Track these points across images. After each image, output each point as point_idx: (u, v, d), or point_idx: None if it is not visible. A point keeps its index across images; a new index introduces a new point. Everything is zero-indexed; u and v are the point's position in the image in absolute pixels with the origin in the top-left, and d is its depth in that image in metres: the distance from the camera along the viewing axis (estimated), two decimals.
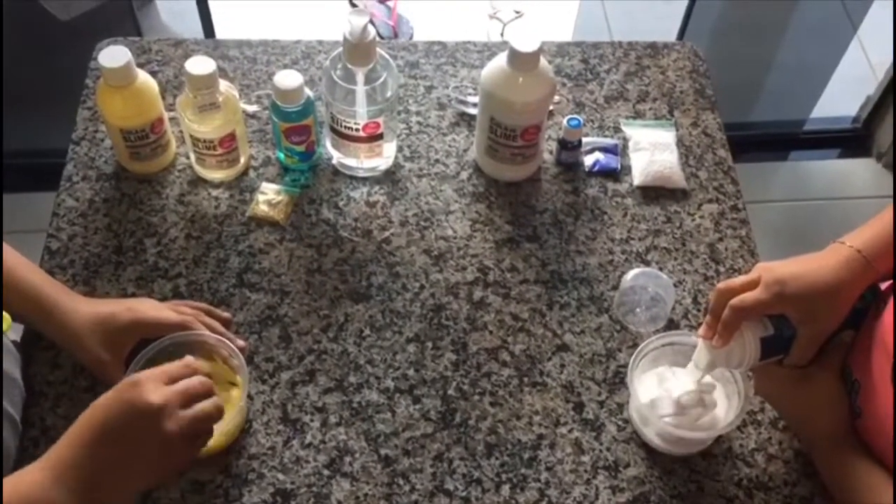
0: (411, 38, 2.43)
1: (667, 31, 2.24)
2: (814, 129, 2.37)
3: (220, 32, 2.17)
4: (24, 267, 0.89)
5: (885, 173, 2.25)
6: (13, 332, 0.96)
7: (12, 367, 0.90)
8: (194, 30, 2.14)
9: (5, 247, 0.88)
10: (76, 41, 1.27)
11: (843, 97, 2.39)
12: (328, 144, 1.11)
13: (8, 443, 0.86)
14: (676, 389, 0.89)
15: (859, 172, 2.30)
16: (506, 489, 0.89)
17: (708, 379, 0.88)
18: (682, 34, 2.16)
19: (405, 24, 2.46)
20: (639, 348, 0.90)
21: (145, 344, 0.87)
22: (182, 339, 0.88)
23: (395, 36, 2.42)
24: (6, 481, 0.65)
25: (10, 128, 1.99)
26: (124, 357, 0.89)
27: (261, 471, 0.88)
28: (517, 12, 2.45)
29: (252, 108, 1.17)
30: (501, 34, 2.42)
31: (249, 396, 0.92)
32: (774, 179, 2.22)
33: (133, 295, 0.99)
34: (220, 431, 0.84)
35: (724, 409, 0.89)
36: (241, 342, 0.94)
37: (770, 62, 2.44)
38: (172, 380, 0.73)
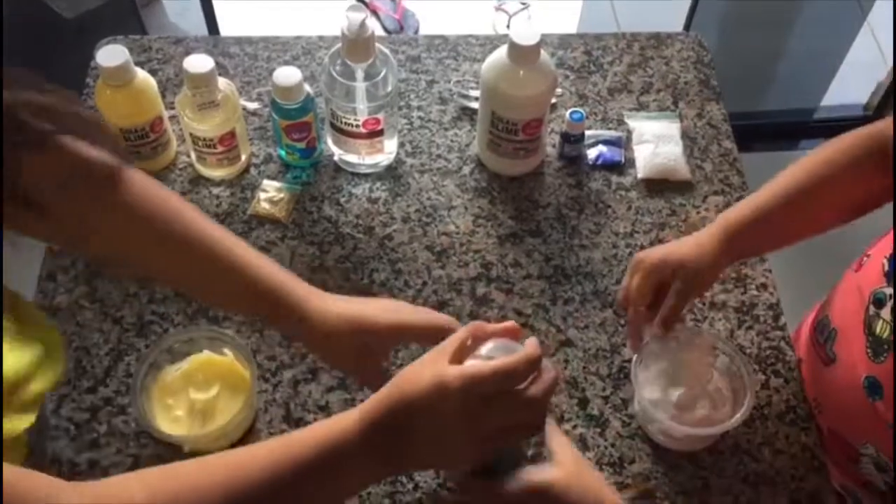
0: (417, 31, 2.42)
1: (676, 22, 2.22)
2: (824, 118, 2.35)
3: (225, 30, 2.16)
4: (257, 260, 0.78)
5: None
6: None
7: None
8: (201, 28, 2.14)
9: (239, 243, 0.78)
10: (82, 40, 1.27)
11: (853, 84, 2.36)
12: (329, 141, 1.10)
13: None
14: (676, 388, 0.88)
15: None
16: None
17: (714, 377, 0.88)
18: (688, 24, 2.14)
19: (411, 18, 2.45)
20: (642, 343, 0.89)
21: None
22: (192, 333, 0.89)
23: (402, 29, 2.41)
24: (325, 423, 0.64)
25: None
26: (383, 362, 0.83)
27: None
28: (523, 3, 2.44)
29: (252, 106, 1.16)
30: (507, 26, 2.41)
31: None
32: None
33: (135, 295, 0.99)
34: (226, 431, 0.84)
35: (730, 405, 0.88)
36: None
37: (779, 50, 2.41)
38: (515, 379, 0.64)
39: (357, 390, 0.93)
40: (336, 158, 1.12)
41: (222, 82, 1.02)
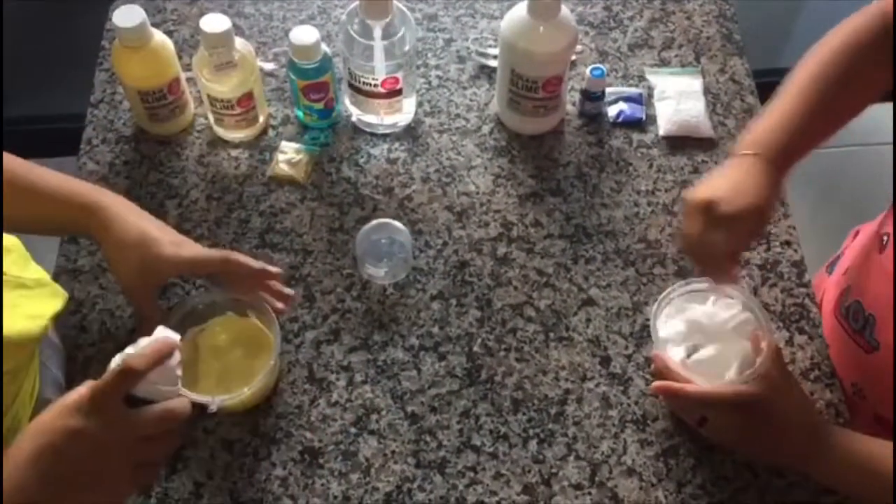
0: None
1: None
2: None
3: None
4: (54, 174, 0.84)
5: None
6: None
7: (51, 330, 0.90)
8: None
9: (27, 163, 0.83)
10: (96, 2, 1.26)
11: None
12: (347, 101, 1.09)
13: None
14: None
15: (887, 116, 2.24)
16: (533, 444, 0.89)
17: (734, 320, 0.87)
18: None
19: None
20: (660, 297, 0.88)
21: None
22: (215, 296, 0.89)
23: None
24: None
25: (31, 92, 1.99)
26: (158, 287, 0.87)
27: (288, 429, 0.89)
28: None
29: (269, 66, 1.15)
30: None
31: None
32: None
33: None
34: (252, 392, 0.85)
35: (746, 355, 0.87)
36: (288, 291, 0.90)
37: (800, 4, 2.36)
38: (113, 398, 0.66)
39: (379, 350, 0.94)
40: (354, 119, 1.11)
41: (239, 42, 1.01)
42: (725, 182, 0.84)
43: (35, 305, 0.77)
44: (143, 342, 0.71)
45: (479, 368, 0.93)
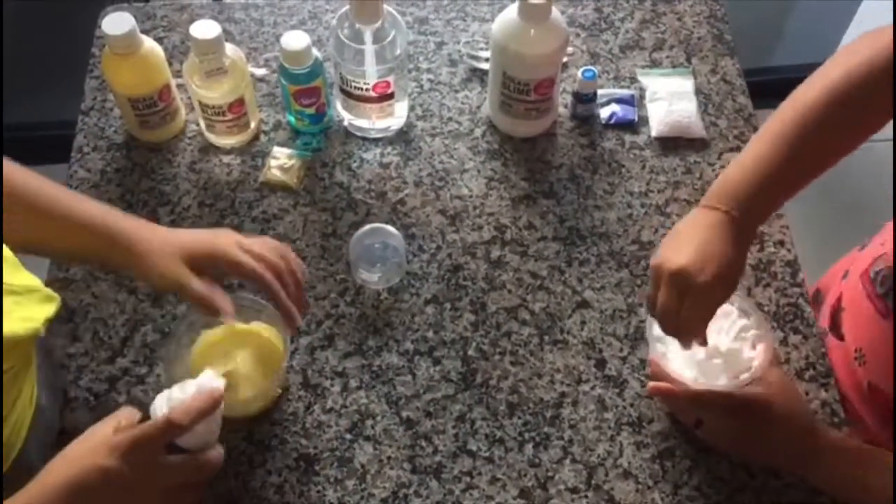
0: None
1: None
2: None
3: None
4: (84, 200, 0.81)
5: None
6: None
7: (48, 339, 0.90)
8: None
9: (59, 187, 0.81)
10: (86, 8, 1.25)
11: None
12: (339, 106, 1.09)
13: (52, 414, 0.87)
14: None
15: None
16: (529, 448, 0.88)
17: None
18: None
19: None
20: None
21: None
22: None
23: None
24: None
25: (22, 100, 1.98)
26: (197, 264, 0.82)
27: (283, 436, 0.89)
28: None
29: (260, 72, 1.15)
30: None
31: None
32: None
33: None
34: (256, 397, 0.85)
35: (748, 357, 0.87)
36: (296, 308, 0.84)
37: (791, 3, 2.37)
38: (155, 447, 0.68)
39: (374, 355, 0.93)
40: (346, 123, 1.10)
41: (229, 48, 1.01)
42: (692, 247, 0.77)
43: (27, 310, 0.77)
44: (190, 387, 0.71)
45: (474, 372, 0.93)
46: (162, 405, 0.70)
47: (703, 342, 0.80)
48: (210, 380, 0.72)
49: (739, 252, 0.78)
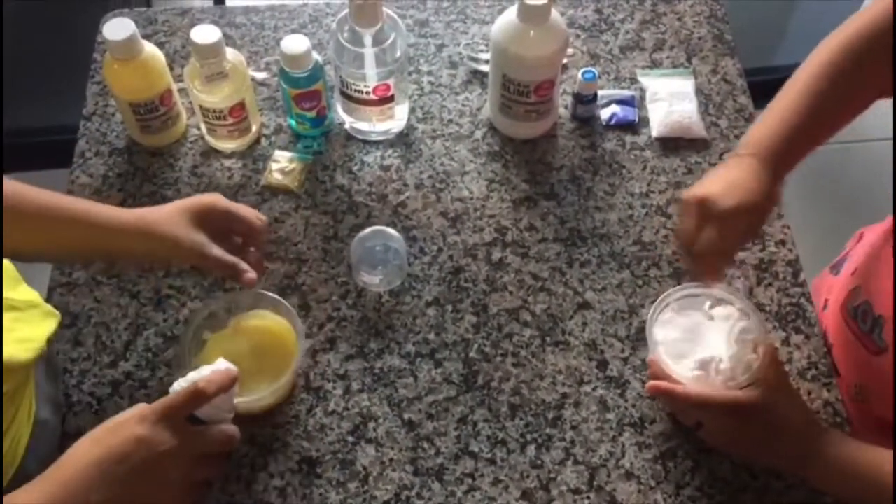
0: None
1: None
2: None
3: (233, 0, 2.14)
4: (70, 199, 0.85)
5: None
6: None
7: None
8: None
9: (51, 193, 0.84)
10: (89, 13, 1.26)
11: None
12: (339, 109, 1.09)
13: (53, 422, 0.87)
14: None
15: (887, 112, 2.24)
16: (531, 449, 0.88)
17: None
18: None
19: None
20: (656, 303, 0.88)
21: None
22: (234, 297, 0.90)
23: None
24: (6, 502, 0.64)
25: (22, 104, 1.98)
26: (207, 227, 0.86)
27: (285, 439, 0.89)
28: None
29: (261, 76, 1.15)
30: None
31: None
32: None
33: (150, 270, 0.99)
34: (275, 395, 0.87)
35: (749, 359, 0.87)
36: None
37: (792, 3, 2.36)
38: (181, 414, 0.71)
39: (375, 358, 0.94)
40: (347, 126, 1.11)
41: (230, 52, 1.01)
42: (720, 181, 0.83)
43: (27, 329, 0.77)
44: (206, 370, 0.74)
45: (476, 374, 0.93)
46: (180, 385, 0.73)
47: (721, 278, 0.85)
48: (224, 364, 0.75)
49: (765, 186, 0.82)
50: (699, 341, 0.87)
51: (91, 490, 0.64)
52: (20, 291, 0.79)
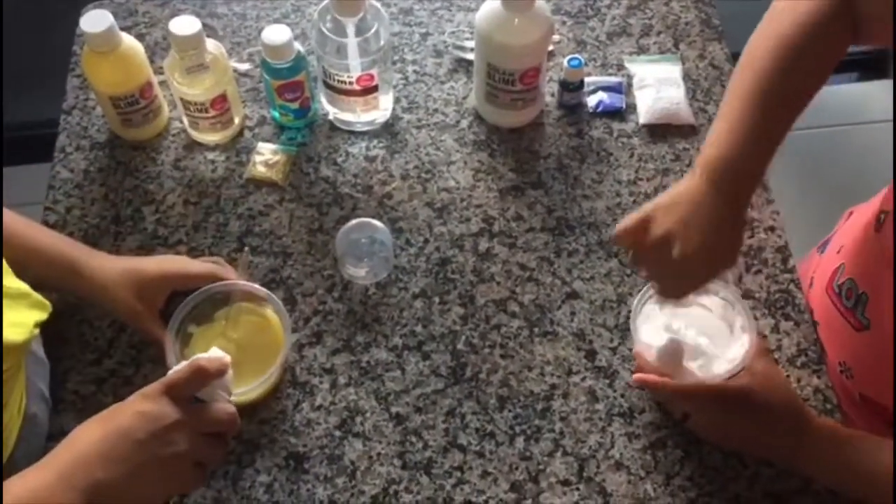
0: None
1: None
2: None
3: None
4: (41, 230, 0.89)
5: None
6: None
7: (37, 345, 0.90)
8: None
9: (19, 217, 0.86)
10: (69, 6, 1.24)
11: None
12: (323, 100, 1.08)
13: (42, 418, 0.87)
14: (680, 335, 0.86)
15: (878, 96, 2.23)
16: (520, 441, 0.88)
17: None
18: None
19: None
20: (640, 293, 0.88)
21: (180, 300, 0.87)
22: (220, 289, 0.88)
23: None
24: (13, 482, 0.63)
25: (4, 99, 1.96)
26: (157, 309, 0.89)
27: (272, 435, 0.88)
28: None
29: (244, 67, 1.14)
30: None
31: None
32: None
33: None
34: (263, 386, 0.87)
35: (736, 349, 0.87)
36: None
37: None
38: (184, 392, 0.70)
39: (362, 351, 0.93)
40: (331, 117, 1.09)
41: (211, 44, 0.99)
42: (679, 218, 0.76)
43: (18, 314, 0.77)
44: (201, 358, 0.72)
45: (464, 366, 0.92)
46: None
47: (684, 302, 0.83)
48: (218, 352, 0.74)
49: (729, 225, 0.76)
50: (684, 334, 0.86)
51: (98, 468, 0.63)
52: (10, 280, 0.78)
